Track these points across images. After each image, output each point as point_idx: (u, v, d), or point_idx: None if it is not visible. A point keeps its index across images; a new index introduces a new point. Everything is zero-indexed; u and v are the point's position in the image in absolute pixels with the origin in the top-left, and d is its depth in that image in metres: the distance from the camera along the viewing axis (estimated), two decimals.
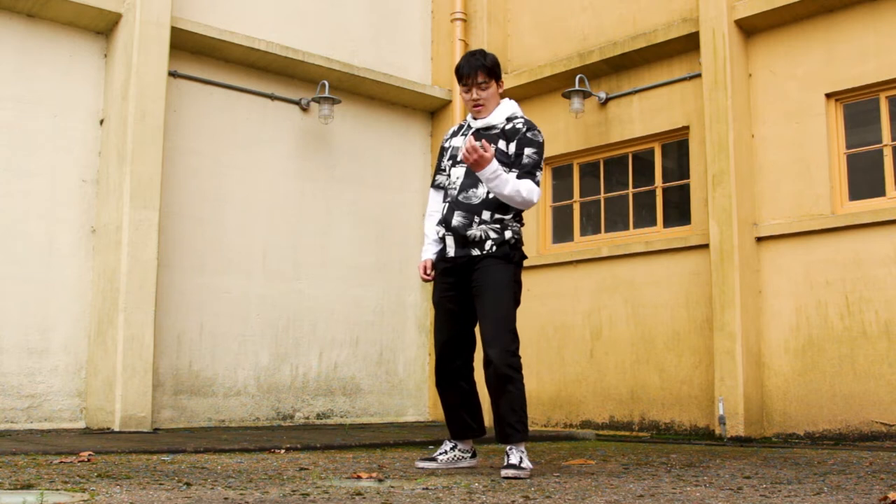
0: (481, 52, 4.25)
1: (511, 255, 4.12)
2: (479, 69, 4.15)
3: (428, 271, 4.32)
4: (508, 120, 4.21)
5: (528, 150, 4.11)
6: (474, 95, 4.18)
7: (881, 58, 6.21)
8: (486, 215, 4.10)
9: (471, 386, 4.32)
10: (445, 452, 4.35)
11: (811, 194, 6.44)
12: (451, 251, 4.17)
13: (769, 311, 6.55)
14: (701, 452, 5.46)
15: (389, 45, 8.53)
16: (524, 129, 4.16)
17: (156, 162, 6.64)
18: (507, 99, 4.34)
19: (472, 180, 4.14)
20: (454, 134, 4.39)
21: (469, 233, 4.10)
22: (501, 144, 4.15)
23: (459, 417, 4.31)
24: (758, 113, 6.79)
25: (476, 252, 4.11)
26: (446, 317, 4.24)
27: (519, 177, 4.06)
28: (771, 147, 6.69)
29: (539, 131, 4.20)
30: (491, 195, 4.09)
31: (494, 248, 4.09)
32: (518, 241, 4.18)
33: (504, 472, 3.86)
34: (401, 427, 7.44)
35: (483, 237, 4.09)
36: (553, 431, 7.30)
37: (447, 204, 4.22)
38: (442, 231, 4.24)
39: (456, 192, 4.18)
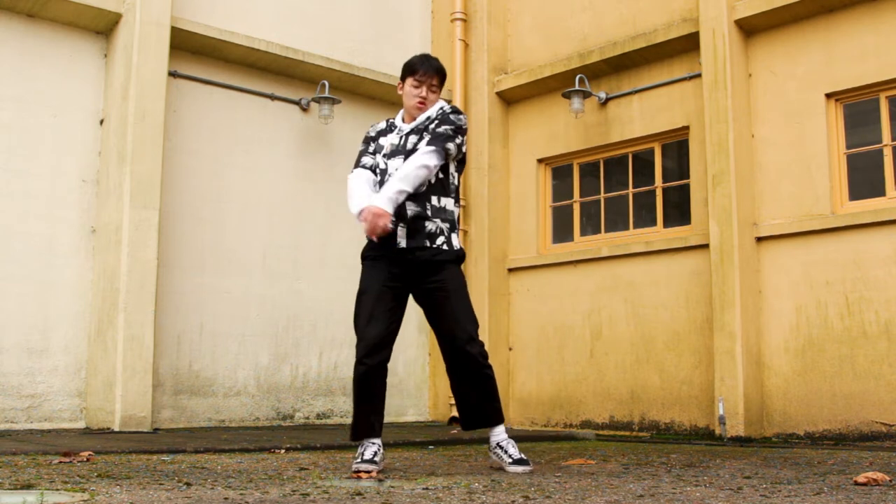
0: (437, 59, 4.32)
1: (461, 256, 4.19)
2: (437, 73, 4.24)
3: (387, 224, 3.96)
4: (438, 111, 4.25)
5: (443, 126, 4.16)
6: (423, 93, 4.22)
7: (881, 58, 6.21)
8: (434, 200, 4.13)
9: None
10: (377, 453, 4.08)
11: (811, 194, 6.44)
12: (402, 242, 4.08)
13: (769, 311, 6.55)
14: (701, 452, 5.46)
15: (389, 45, 8.52)
16: (448, 111, 4.22)
17: (156, 162, 6.64)
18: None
19: None
20: (382, 132, 4.32)
21: (427, 226, 4.09)
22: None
23: (381, 413, 4.12)
24: (758, 113, 6.79)
25: (427, 244, 4.08)
26: (384, 309, 4.07)
27: (427, 144, 4.10)
28: (771, 147, 6.69)
29: (464, 116, 4.25)
30: (434, 181, 4.13)
31: (446, 245, 4.11)
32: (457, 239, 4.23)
33: (511, 469, 3.94)
34: (401, 427, 7.43)
35: (437, 231, 4.10)
36: (553, 431, 7.30)
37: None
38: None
39: None
